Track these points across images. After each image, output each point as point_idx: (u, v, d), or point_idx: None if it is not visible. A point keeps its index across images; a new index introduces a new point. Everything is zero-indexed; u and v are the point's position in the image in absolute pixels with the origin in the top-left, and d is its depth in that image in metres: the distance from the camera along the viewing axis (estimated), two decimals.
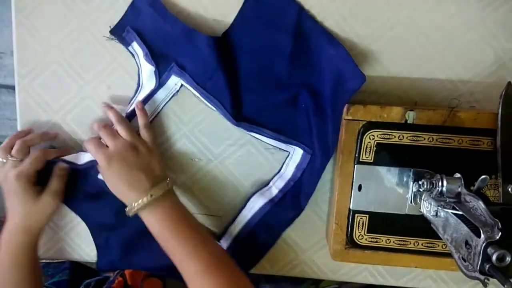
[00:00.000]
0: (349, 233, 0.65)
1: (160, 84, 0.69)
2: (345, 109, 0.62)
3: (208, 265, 0.59)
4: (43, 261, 0.84)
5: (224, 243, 0.73)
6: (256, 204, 0.72)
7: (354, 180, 0.63)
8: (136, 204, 0.61)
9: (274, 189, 0.71)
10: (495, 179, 0.61)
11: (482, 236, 0.42)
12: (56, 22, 0.70)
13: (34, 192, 0.67)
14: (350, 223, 0.64)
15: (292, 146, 0.70)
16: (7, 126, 1.51)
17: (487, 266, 0.41)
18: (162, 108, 0.71)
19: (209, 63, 0.67)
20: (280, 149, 0.71)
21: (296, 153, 0.70)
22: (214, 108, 0.69)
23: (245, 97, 0.69)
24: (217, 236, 0.74)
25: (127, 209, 0.63)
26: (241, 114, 0.69)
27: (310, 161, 0.69)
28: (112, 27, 0.69)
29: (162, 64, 0.69)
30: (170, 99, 0.71)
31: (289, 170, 0.71)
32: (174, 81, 0.69)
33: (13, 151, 0.67)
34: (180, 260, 0.61)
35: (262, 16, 0.66)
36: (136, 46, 0.69)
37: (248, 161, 0.72)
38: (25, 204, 0.66)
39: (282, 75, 0.68)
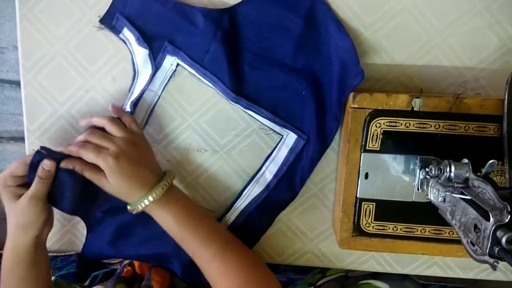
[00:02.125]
0: (356, 221, 0.65)
1: (156, 67, 0.70)
2: (351, 97, 0.62)
3: (222, 248, 0.60)
4: (51, 254, 0.85)
5: None
6: (252, 192, 0.72)
7: (360, 168, 0.63)
8: (145, 201, 0.61)
9: (268, 174, 0.72)
10: (502, 165, 0.61)
11: (491, 219, 0.42)
12: (60, 15, 0.70)
13: (13, 197, 0.63)
14: (357, 211, 0.65)
15: (286, 130, 0.70)
16: (10, 121, 1.51)
17: (497, 249, 0.41)
18: (162, 92, 0.71)
19: (205, 35, 0.66)
20: (274, 131, 0.71)
21: (290, 137, 0.70)
22: (212, 85, 0.69)
23: (246, 73, 0.69)
24: None
25: (131, 207, 0.62)
26: (240, 90, 0.69)
27: (306, 147, 0.69)
28: (101, 16, 0.69)
29: (156, 46, 0.69)
30: (168, 81, 0.71)
31: (281, 154, 0.71)
32: (170, 61, 0.69)
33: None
34: (194, 248, 0.62)
35: None
36: (127, 32, 0.69)
37: (253, 151, 0.73)
38: (11, 211, 0.63)
39: (287, 57, 0.68)
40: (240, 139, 0.72)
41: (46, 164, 0.61)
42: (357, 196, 0.64)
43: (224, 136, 0.72)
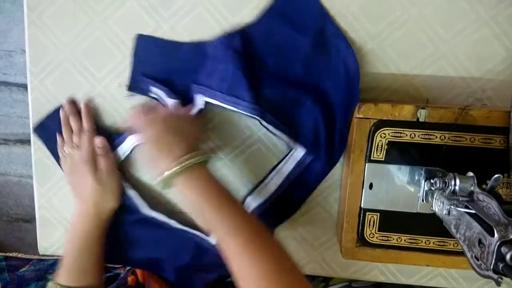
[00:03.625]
0: (360, 231, 0.65)
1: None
2: (356, 108, 0.62)
3: (250, 241, 0.57)
4: (55, 257, 0.85)
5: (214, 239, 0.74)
6: (253, 202, 0.72)
7: (365, 179, 0.63)
8: (169, 170, 0.59)
9: (272, 185, 0.71)
10: (508, 177, 0.61)
11: (496, 235, 0.42)
12: (67, 21, 0.70)
13: (99, 173, 0.70)
14: (361, 221, 0.64)
15: (296, 144, 0.70)
16: (18, 124, 1.52)
17: (501, 265, 0.41)
18: None
19: (221, 63, 0.67)
20: (286, 143, 0.71)
21: (298, 151, 0.70)
22: (235, 109, 0.67)
23: (260, 91, 0.68)
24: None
25: (157, 178, 0.61)
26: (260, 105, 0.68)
27: (313, 163, 0.70)
28: (126, 85, 0.71)
29: (185, 93, 0.70)
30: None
31: (287, 167, 0.71)
32: (200, 101, 0.69)
33: (75, 139, 0.71)
34: (223, 234, 0.58)
35: (288, 14, 0.67)
36: (155, 90, 0.70)
37: (258, 160, 0.73)
38: (93, 186, 0.69)
39: (298, 76, 0.68)
40: (244, 147, 0.72)
41: (98, 142, 0.70)
42: (361, 206, 0.64)
43: (229, 143, 0.72)
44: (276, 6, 0.67)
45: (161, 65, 0.70)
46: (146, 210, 0.73)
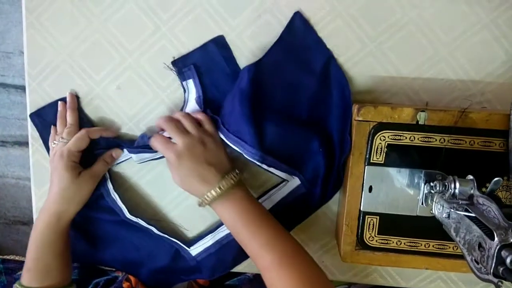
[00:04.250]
0: (359, 234, 0.65)
1: None
2: (355, 110, 0.62)
3: (282, 257, 0.58)
4: None
5: (194, 250, 0.75)
6: None
7: (364, 181, 0.63)
8: (207, 196, 0.62)
9: None
10: (507, 180, 0.61)
11: (496, 239, 0.41)
12: (66, 23, 0.70)
13: (74, 171, 0.68)
14: (360, 224, 0.64)
15: (293, 176, 0.70)
16: (16, 126, 1.52)
17: (501, 269, 0.41)
18: None
19: (230, 103, 0.67)
20: (283, 180, 0.71)
21: (293, 181, 0.70)
22: (238, 149, 0.67)
23: (264, 128, 0.67)
24: (187, 242, 0.75)
25: (199, 202, 0.64)
26: (263, 147, 0.67)
27: (306, 196, 0.70)
28: (175, 58, 0.70)
29: (210, 108, 0.69)
30: None
31: (279, 194, 0.71)
32: None
33: (64, 133, 0.70)
34: (254, 251, 0.60)
35: (293, 53, 0.67)
36: (191, 84, 0.70)
37: (255, 179, 0.73)
38: (63, 180, 0.68)
39: (303, 113, 0.69)
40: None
41: (117, 153, 0.72)
42: (361, 209, 0.64)
43: None
44: (282, 44, 0.67)
45: (213, 74, 0.70)
46: (126, 215, 0.73)
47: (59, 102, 0.72)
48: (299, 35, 0.67)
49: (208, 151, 0.64)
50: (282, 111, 0.68)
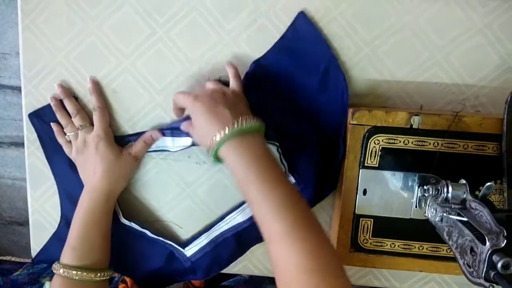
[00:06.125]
0: (353, 237, 0.65)
1: None
2: (350, 114, 0.62)
3: (291, 229, 0.51)
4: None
5: (189, 251, 0.75)
6: (233, 220, 0.73)
7: (359, 185, 0.63)
8: (216, 136, 0.57)
9: None
10: (500, 184, 0.61)
11: (487, 243, 0.42)
12: (62, 26, 0.70)
13: (116, 148, 0.70)
14: (354, 227, 0.65)
15: (288, 174, 0.70)
16: (12, 126, 1.51)
17: (492, 273, 0.41)
18: None
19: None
20: None
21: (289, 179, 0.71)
22: None
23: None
24: (182, 243, 0.75)
25: (207, 147, 0.59)
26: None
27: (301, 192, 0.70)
28: None
29: None
30: None
31: None
32: None
33: (78, 121, 0.70)
34: (262, 215, 0.54)
35: (295, 53, 0.67)
36: None
37: None
38: (107, 158, 0.69)
39: (300, 112, 0.69)
40: None
41: (155, 134, 0.71)
42: (355, 212, 0.64)
43: None
44: (284, 42, 0.68)
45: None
46: (121, 219, 0.74)
47: (50, 97, 0.72)
48: (302, 35, 0.67)
49: (227, 98, 0.61)
50: (280, 109, 0.69)
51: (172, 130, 0.70)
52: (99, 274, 0.67)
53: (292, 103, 0.69)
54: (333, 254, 0.52)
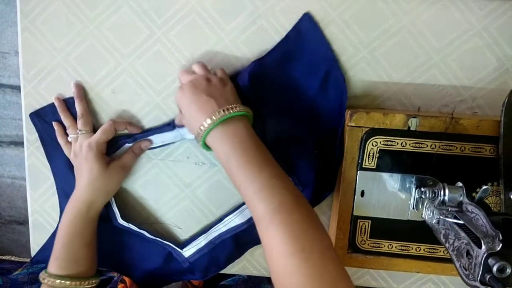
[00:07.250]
0: (351, 238, 0.65)
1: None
2: (348, 116, 0.62)
3: (279, 210, 0.51)
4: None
5: (187, 252, 0.75)
6: (232, 221, 0.73)
7: (357, 186, 0.64)
8: (203, 126, 0.58)
9: None
10: (497, 186, 0.61)
11: (483, 247, 0.42)
12: (61, 27, 0.70)
13: (104, 161, 0.70)
14: (352, 228, 0.65)
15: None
16: (11, 125, 1.52)
17: (488, 276, 0.42)
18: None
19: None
20: None
21: None
22: None
23: (263, 125, 0.69)
24: (180, 244, 0.76)
25: (195, 135, 0.60)
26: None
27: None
28: None
29: None
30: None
31: None
32: None
33: (80, 125, 0.71)
34: (247, 197, 0.54)
35: (298, 54, 0.68)
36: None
37: None
38: (93, 171, 0.69)
39: (300, 114, 0.69)
40: None
41: (145, 145, 0.73)
42: (353, 213, 0.64)
43: None
44: (287, 43, 0.68)
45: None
46: (119, 220, 0.74)
47: (54, 98, 0.72)
48: (306, 36, 0.67)
49: (211, 86, 0.62)
50: (280, 110, 0.69)
51: (155, 129, 0.72)
52: (84, 283, 0.68)
53: (291, 104, 0.69)
54: (320, 235, 0.51)
